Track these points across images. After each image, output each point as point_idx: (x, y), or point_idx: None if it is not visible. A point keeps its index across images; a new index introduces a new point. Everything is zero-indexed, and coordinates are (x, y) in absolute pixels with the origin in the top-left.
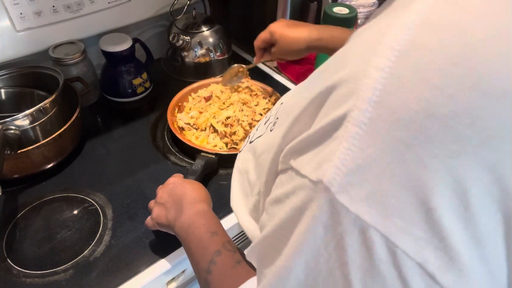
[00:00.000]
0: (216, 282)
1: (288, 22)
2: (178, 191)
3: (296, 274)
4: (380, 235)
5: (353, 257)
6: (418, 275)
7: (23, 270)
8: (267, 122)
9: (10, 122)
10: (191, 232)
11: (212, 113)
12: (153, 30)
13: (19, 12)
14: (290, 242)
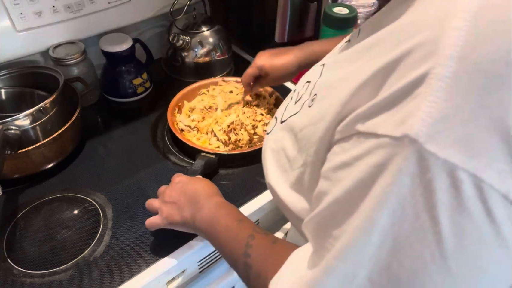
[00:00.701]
0: (258, 263)
1: (271, 52)
2: (189, 188)
3: (381, 224)
4: (468, 174)
5: (441, 198)
6: (502, 206)
7: (23, 270)
8: (298, 101)
9: (10, 122)
10: (216, 223)
11: (214, 119)
12: (153, 30)
13: (19, 12)
14: (370, 197)
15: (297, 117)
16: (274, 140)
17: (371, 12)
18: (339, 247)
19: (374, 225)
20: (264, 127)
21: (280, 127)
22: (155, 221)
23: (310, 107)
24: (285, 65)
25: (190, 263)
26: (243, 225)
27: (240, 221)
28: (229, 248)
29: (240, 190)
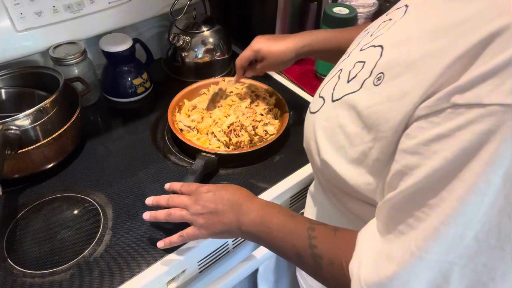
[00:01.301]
0: (328, 251)
1: (268, 37)
2: (224, 196)
3: (495, 184)
4: None
5: None
6: None
7: (24, 270)
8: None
9: (10, 122)
10: (268, 222)
11: (213, 120)
12: (154, 30)
13: (20, 12)
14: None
15: (360, 95)
16: (326, 119)
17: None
18: (446, 212)
19: (489, 185)
20: (264, 128)
21: (332, 105)
22: (194, 233)
23: (377, 86)
24: (283, 51)
25: (190, 263)
26: (297, 219)
27: (293, 216)
28: (289, 244)
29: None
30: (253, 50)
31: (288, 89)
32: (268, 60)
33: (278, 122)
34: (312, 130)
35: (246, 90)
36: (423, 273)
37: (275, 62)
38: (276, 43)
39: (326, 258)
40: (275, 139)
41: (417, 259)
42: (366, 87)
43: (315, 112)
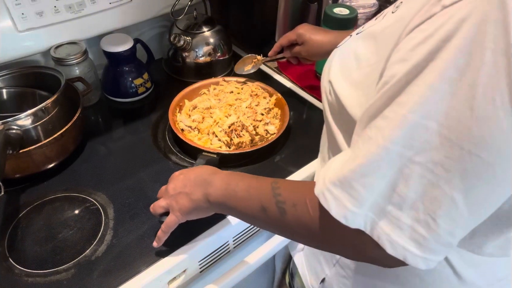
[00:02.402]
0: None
1: (314, 27)
2: (191, 175)
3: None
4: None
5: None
6: None
7: (25, 270)
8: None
9: (12, 122)
10: (234, 186)
11: (214, 120)
12: (154, 30)
13: (21, 12)
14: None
15: (378, 24)
16: (345, 47)
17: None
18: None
19: (455, 71)
20: (265, 127)
21: (356, 37)
22: (170, 219)
23: (394, 13)
24: (324, 42)
25: (191, 263)
26: (261, 179)
27: (257, 177)
28: (255, 201)
29: None
30: (297, 33)
31: (288, 89)
32: (307, 46)
33: (279, 121)
34: (331, 59)
35: (246, 90)
36: (385, 167)
37: (313, 50)
38: (319, 33)
39: (289, 201)
40: (276, 138)
41: (383, 149)
42: (386, 17)
43: (339, 46)
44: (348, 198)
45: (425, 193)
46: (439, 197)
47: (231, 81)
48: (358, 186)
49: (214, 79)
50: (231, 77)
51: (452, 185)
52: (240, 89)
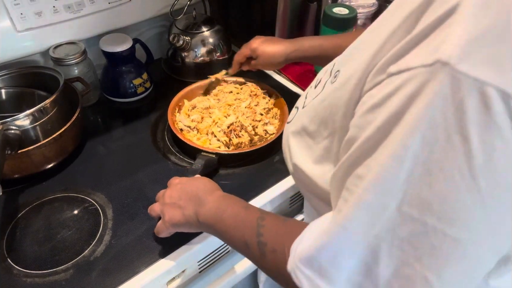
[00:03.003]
0: (272, 239)
1: (265, 39)
2: (189, 188)
3: (413, 149)
4: (497, 90)
5: (472, 117)
6: None
7: (24, 270)
8: (318, 85)
9: (10, 122)
10: (221, 213)
11: (213, 120)
12: (154, 30)
13: (20, 12)
14: (402, 126)
15: (318, 96)
16: (294, 125)
17: (371, 13)
18: (369, 180)
19: (407, 150)
20: (264, 127)
21: (302, 111)
22: (160, 227)
23: (333, 83)
24: (273, 54)
25: (190, 263)
26: (250, 210)
27: (246, 208)
28: (239, 234)
29: (240, 190)
30: (250, 48)
31: (288, 89)
32: (261, 59)
33: (278, 122)
34: (286, 138)
35: (245, 90)
36: (351, 247)
37: (266, 62)
38: (270, 45)
39: (270, 245)
40: (275, 138)
41: (342, 228)
42: (325, 88)
43: (289, 122)
44: (320, 277)
45: (398, 272)
46: (412, 277)
47: (229, 81)
48: (327, 266)
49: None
50: (230, 77)
51: (423, 263)
52: (239, 89)
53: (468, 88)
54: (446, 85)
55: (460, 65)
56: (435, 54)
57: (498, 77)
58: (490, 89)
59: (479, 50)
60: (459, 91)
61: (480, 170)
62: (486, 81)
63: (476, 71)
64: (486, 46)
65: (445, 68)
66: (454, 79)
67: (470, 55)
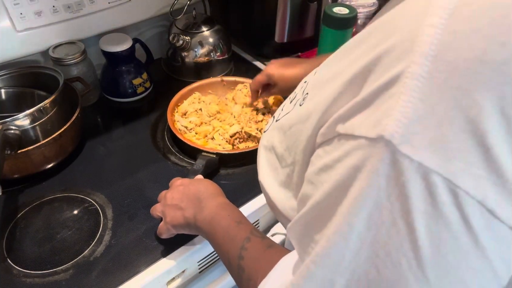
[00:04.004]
0: (250, 267)
1: (281, 62)
2: (191, 189)
3: (359, 229)
4: (442, 178)
5: (417, 204)
6: (479, 213)
7: (23, 270)
8: (293, 100)
9: (10, 122)
10: (216, 224)
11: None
12: (153, 30)
13: (19, 12)
14: (347, 200)
15: (289, 116)
16: (267, 138)
17: (371, 12)
18: (317, 252)
19: (351, 229)
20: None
21: (274, 125)
22: (161, 228)
23: (301, 106)
24: (292, 77)
25: (190, 263)
26: (241, 227)
27: (239, 223)
28: (225, 249)
29: (241, 190)
30: (266, 74)
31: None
32: (280, 85)
33: None
34: (259, 148)
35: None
36: None
37: (286, 87)
38: (287, 69)
39: (246, 272)
40: None
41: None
42: (295, 107)
43: (265, 131)
44: None
45: None
46: None
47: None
48: None
49: (212, 79)
50: (229, 77)
51: None
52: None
53: (412, 173)
54: (389, 165)
55: (402, 146)
56: (378, 128)
57: (444, 164)
58: (435, 176)
59: (423, 131)
60: (402, 174)
61: (427, 262)
62: (430, 167)
63: (420, 155)
64: (430, 127)
65: (387, 147)
66: (397, 161)
67: (414, 136)
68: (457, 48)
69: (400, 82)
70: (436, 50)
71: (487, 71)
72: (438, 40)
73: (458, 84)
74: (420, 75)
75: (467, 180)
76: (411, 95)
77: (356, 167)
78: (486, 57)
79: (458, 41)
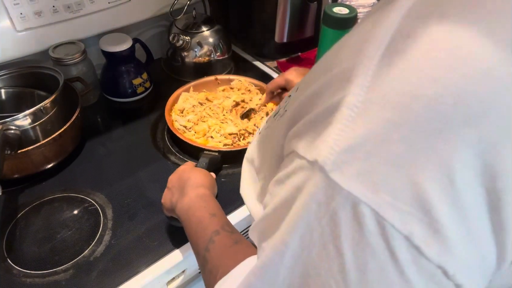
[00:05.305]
0: (215, 260)
1: (302, 72)
2: (184, 175)
3: (293, 248)
4: (370, 209)
5: (345, 231)
6: (405, 247)
7: (23, 270)
8: (276, 115)
9: (10, 122)
10: (192, 214)
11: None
12: (153, 30)
13: (19, 12)
14: (287, 219)
15: (267, 130)
16: (250, 150)
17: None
18: (257, 265)
19: (287, 247)
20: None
21: (256, 138)
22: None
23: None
24: None
25: (190, 263)
26: (213, 220)
27: (213, 215)
28: (195, 239)
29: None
30: (286, 79)
31: None
32: None
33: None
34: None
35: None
36: None
37: None
38: None
39: (209, 265)
40: None
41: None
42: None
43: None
44: None
45: None
46: None
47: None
48: None
49: (207, 78)
50: (223, 75)
51: None
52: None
53: (341, 201)
54: (321, 190)
55: (334, 173)
56: (314, 152)
57: (372, 195)
58: (363, 206)
59: (354, 161)
60: (333, 201)
61: (354, 285)
62: (359, 197)
63: (349, 184)
64: (361, 157)
65: (320, 173)
66: (328, 187)
67: (345, 165)
68: (391, 82)
69: (338, 110)
70: (370, 81)
71: (419, 107)
72: (373, 71)
73: (390, 118)
74: (354, 105)
75: (394, 214)
76: (345, 124)
77: (297, 187)
78: (418, 92)
79: (392, 75)
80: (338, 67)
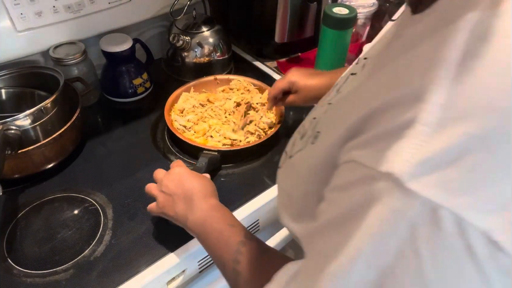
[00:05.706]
0: (247, 271)
1: (305, 72)
2: (186, 185)
3: (366, 255)
4: (449, 212)
5: (423, 234)
6: (483, 243)
7: (24, 270)
8: (304, 137)
9: (10, 122)
10: (209, 226)
11: (209, 126)
12: (154, 30)
13: (20, 12)
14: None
15: (301, 154)
16: (281, 175)
17: (371, 12)
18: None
19: (360, 255)
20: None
21: (288, 162)
22: (152, 208)
23: (313, 144)
24: (317, 87)
25: (190, 263)
26: (235, 230)
27: (232, 226)
28: (219, 253)
29: (241, 189)
30: (289, 81)
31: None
32: (303, 93)
33: (274, 116)
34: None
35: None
36: None
37: (310, 96)
38: (312, 78)
39: (244, 276)
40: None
41: None
42: (307, 145)
43: (280, 167)
44: None
45: None
46: None
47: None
48: None
49: (206, 78)
50: (223, 75)
51: None
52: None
53: (418, 206)
54: (397, 199)
55: (409, 183)
56: (387, 164)
57: (451, 199)
58: (442, 210)
59: (431, 172)
60: (410, 207)
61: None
62: (437, 202)
63: (427, 191)
64: (438, 168)
65: (396, 183)
66: (405, 195)
67: (421, 175)
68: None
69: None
70: (445, 99)
71: (496, 119)
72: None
73: (467, 131)
74: (430, 122)
75: (473, 212)
76: (421, 139)
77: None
78: (496, 104)
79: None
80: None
